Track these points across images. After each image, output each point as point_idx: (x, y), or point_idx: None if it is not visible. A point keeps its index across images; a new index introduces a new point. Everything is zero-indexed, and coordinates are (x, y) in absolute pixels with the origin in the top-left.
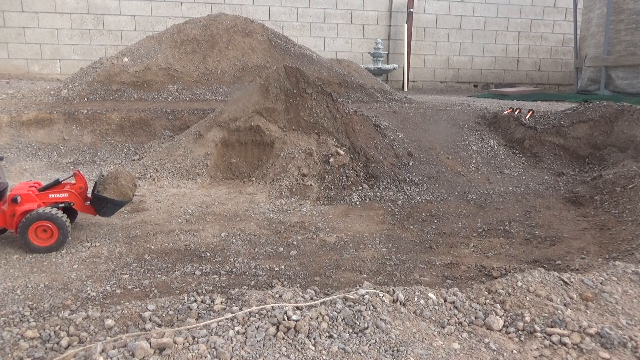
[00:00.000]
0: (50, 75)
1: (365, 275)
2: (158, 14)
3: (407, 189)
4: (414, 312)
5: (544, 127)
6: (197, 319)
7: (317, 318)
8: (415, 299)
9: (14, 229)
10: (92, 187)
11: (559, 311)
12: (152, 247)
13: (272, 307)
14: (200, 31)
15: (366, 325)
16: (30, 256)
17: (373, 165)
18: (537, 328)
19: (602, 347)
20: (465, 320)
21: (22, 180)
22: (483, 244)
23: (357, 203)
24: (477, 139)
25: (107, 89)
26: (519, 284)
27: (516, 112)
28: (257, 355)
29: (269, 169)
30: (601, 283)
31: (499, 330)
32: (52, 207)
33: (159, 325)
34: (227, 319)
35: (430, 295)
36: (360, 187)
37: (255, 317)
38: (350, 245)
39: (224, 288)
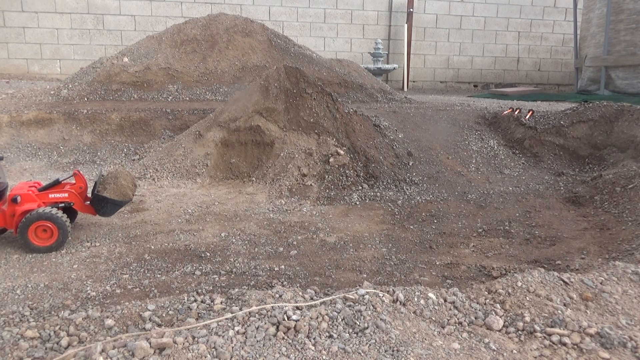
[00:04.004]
0: (50, 75)
1: (365, 275)
2: (158, 14)
3: (407, 189)
4: (414, 312)
5: (544, 127)
6: (197, 319)
7: (317, 318)
8: (415, 299)
9: (14, 229)
10: (92, 187)
11: (559, 311)
12: (152, 247)
13: (272, 307)
14: (200, 31)
15: (366, 325)
16: (30, 256)
17: (373, 165)
18: (537, 328)
19: (602, 347)
20: (465, 320)
21: (22, 180)
22: (483, 244)
23: (357, 203)
24: (477, 139)
25: (107, 89)
26: (519, 284)
27: (516, 112)
28: (257, 355)
29: (269, 169)
30: (601, 283)
31: (499, 330)
32: (52, 207)
33: (159, 325)
34: (227, 319)
35: (430, 295)
36: (360, 187)
37: (255, 317)
38: (350, 245)
39: (224, 288)
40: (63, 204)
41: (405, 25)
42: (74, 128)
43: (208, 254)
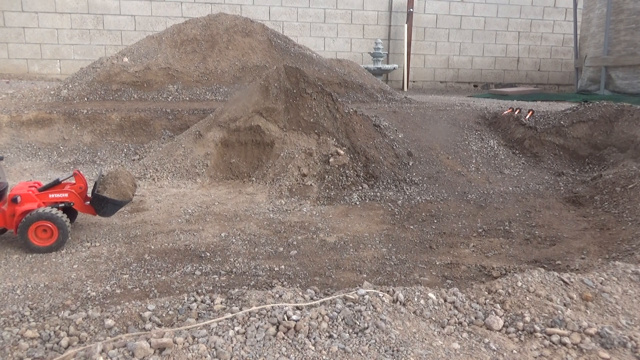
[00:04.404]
0: (50, 75)
1: (365, 275)
2: (158, 14)
3: (407, 189)
4: (414, 312)
5: (544, 127)
6: (197, 319)
7: (317, 318)
8: (415, 299)
9: (14, 229)
10: (92, 187)
11: (559, 311)
12: (152, 247)
13: (272, 307)
14: (200, 31)
15: (366, 325)
16: (30, 256)
17: (373, 165)
18: (537, 328)
19: (602, 347)
20: (465, 320)
21: (22, 180)
22: (483, 244)
23: (357, 203)
24: (477, 139)
25: (107, 89)
26: (519, 284)
27: (516, 112)
28: (257, 355)
29: (269, 169)
30: (601, 283)
31: (499, 330)
32: (52, 207)
33: (159, 325)
34: (227, 319)
35: (430, 295)
36: (360, 187)
37: (255, 317)
38: (350, 245)
39: (224, 288)
40: (63, 204)
41: (405, 25)
42: (74, 128)
43: (208, 254)
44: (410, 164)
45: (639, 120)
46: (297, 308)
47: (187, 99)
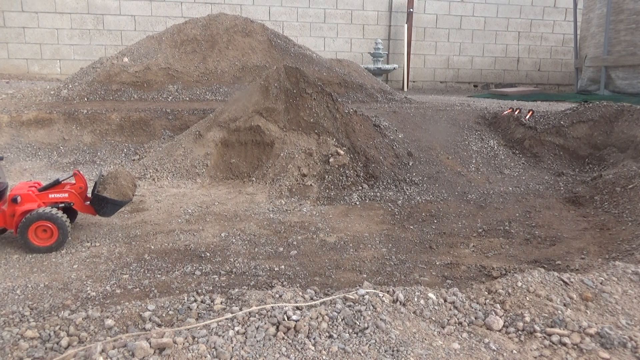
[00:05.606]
0: (50, 75)
1: (365, 275)
2: (158, 14)
3: (407, 189)
4: (414, 312)
5: (544, 127)
6: (197, 319)
7: (317, 318)
8: (415, 299)
9: (14, 229)
10: (92, 187)
11: (559, 311)
12: (152, 247)
13: (272, 307)
14: (200, 31)
15: (366, 325)
16: (30, 256)
17: (373, 165)
18: (537, 328)
19: (602, 347)
20: (465, 320)
21: (22, 180)
22: (483, 244)
23: (357, 203)
24: (477, 139)
25: (107, 89)
26: (519, 284)
27: (516, 112)
28: (257, 355)
29: (269, 169)
30: (601, 283)
31: (499, 330)
32: (52, 207)
33: (159, 325)
34: (227, 319)
35: (430, 295)
36: (360, 187)
37: (255, 317)
38: (350, 245)
39: (224, 288)
40: (63, 204)
41: (405, 25)
42: (74, 128)
43: (208, 254)
44: (410, 164)
45: (639, 120)
46: (297, 308)
47: (187, 99)
